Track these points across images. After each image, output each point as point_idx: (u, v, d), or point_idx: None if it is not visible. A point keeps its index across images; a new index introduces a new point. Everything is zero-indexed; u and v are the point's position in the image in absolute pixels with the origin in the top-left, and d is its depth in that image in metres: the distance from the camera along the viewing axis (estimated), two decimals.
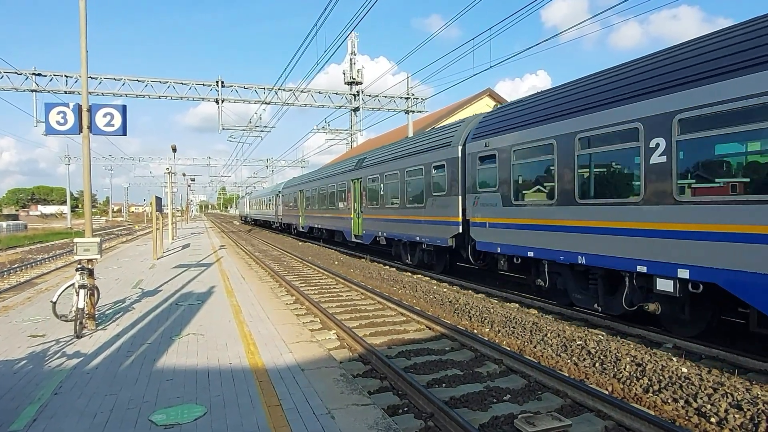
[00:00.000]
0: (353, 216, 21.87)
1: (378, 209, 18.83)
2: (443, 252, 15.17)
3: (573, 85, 10.06)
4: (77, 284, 7.62)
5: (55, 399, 5.07)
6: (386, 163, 18.20)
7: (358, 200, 21.19)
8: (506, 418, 5.34)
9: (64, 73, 29.98)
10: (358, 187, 21.29)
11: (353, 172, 22.03)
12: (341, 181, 24.03)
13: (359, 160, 21.77)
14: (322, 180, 28.20)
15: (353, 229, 21.96)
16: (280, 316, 8.92)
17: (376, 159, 19.65)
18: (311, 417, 4.61)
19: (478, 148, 12.32)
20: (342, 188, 23.80)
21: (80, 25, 7.91)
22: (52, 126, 8.01)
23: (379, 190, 18.70)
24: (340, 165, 26.47)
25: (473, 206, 12.55)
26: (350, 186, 22.29)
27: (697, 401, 5.61)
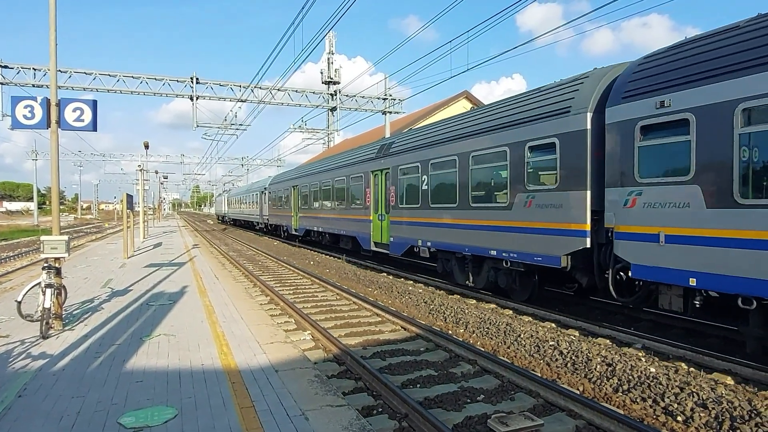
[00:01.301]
0: (373, 218, 17.02)
1: (418, 210, 14.03)
2: (532, 274, 10.77)
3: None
4: (43, 283, 7.41)
5: (19, 401, 4.91)
6: (434, 147, 13.39)
7: (382, 198, 16.40)
8: (480, 418, 5.39)
9: (32, 66, 29.10)
10: (382, 180, 16.46)
11: (374, 162, 17.02)
12: (355, 173, 18.81)
13: (383, 146, 16.86)
14: (324, 173, 22.83)
15: (373, 235, 17.05)
16: (254, 317, 8.82)
17: (414, 142, 14.71)
18: (285, 418, 4.57)
19: (641, 111, 7.77)
20: (356, 183, 18.76)
21: (50, 16, 7.69)
22: (19, 120, 7.77)
23: (420, 184, 13.91)
24: (350, 154, 20.82)
25: (625, 208, 8.02)
26: (369, 179, 17.34)
27: (665, 400, 5.76)
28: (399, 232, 15.20)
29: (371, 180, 17.23)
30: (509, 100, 11.57)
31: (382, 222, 16.38)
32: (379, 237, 16.71)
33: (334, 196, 21.28)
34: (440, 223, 13.01)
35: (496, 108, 11.69)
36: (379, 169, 16.61)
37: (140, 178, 29.55)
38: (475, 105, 31.42)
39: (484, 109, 12.82)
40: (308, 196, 25.24)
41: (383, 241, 16.35)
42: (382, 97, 33.73)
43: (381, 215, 16.51)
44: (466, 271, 12.51)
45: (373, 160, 17.19)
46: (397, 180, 15.29)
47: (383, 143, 17.37)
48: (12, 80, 28.83)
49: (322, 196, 23.04)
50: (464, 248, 12.04)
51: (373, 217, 17.11)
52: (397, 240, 15.36)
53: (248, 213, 45.31)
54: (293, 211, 28.30)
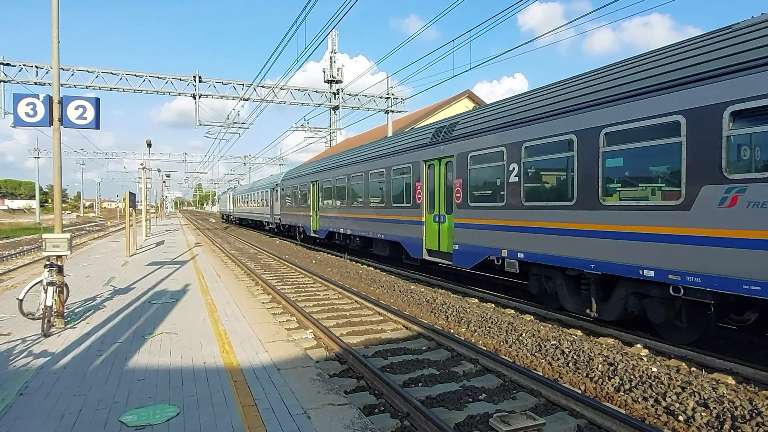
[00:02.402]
0: (427, 219, 13.80)
1: (501, 211, 10.59)
2: (706, 306, 7.42)
3: None
4: (45, 281, 7.41)
5: (21, 400, 4.92)
6: (530, 125, 9.80)
7: (441, 194, 13.12)
8: (481, 417, 5.39)
9: (34, 64, 29.13)
10: (440, 172, 13.08)
11: (428, 149, 13.63)
12: (400, 164, 15.27)
13: (441, 129, 13.35)
14: (354, 165, 19.19)
15: (426, 241, 13.78)
16: (256, 315, 8.82)
17: (495, 120, 11.03)
18: (287, 417, 4.57)
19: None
20: (400, 176, 15.32)
21: (52, 14, 7.70)
22: (21, 118, 7.78)
23: (505, 176, 10.41)
24: (391, 141, 17.26)
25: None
26: (420, 171, 13.97)
27: (666, 400, 5.75)
28: (469, 238, 11.67)
29: (423, 171, 13.79)
30: (675, 46, 7.79)
31: (441, 225, 13.04)
32: (435, 243, 13.33)
33: (369, 193, 17.74)
34: (541, 228, 9.48)
35: (651, 58, 7.95)
36: (437, 157, 13.16)
37: (143, 177, 29.58)
38: (477, 104, 31.34)
39: (630, 62, 8.40)
40: (332, 193, 21.61)
41: (442, 248, 12.91)
42: (384, 96, 33.72)
43: (439, 216, 13.13)
44: (583, 296, 9.14)
45: (427, 146, 13.65)
46: (465, 171, 11.82)
47: (440, 125, 13.67)
48: (14, 78, 28.86)
49: (352, 192, 19.34)
50: (588, 264, 8.48)
51: (427, 219, 13.73)
52: (465, 248, 11.84)
53: (257, 212, 41.98)
54: (312, 210, 24.62)
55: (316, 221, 24.17)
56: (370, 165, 17.58)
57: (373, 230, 17.31)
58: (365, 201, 18.08)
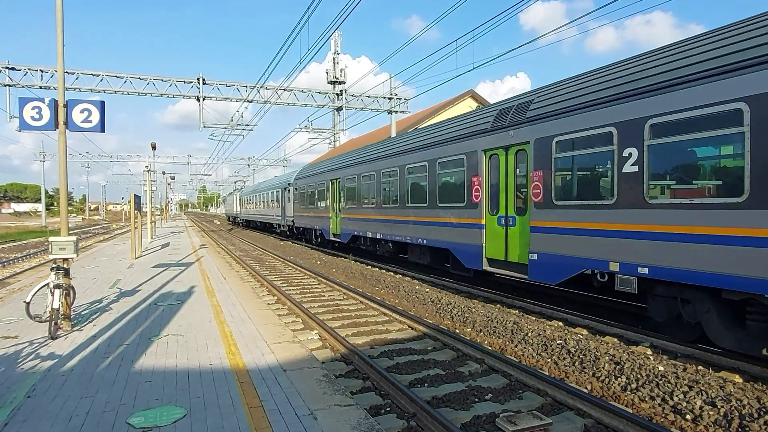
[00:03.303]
0: (488, 222, 11.35)
1: (608, 212, 8.23)
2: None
3: None
4: (52, 284, 7.45)
5: (28, 402, 4.95)
6: (659, 94, 7.42)
7: (510, 191, 10.69)
8: (488, 417, 5.38)
9: (39, 68, 29.27)
10: (509, 163, 10.73)
11: (489, 136, 11.24)
12: (448, 155, 12.88)
13: (507, 110, 10.93)
14: (386, 159, 16.70)
15: (487, 248, 11.34)
16: (262, 317, 8.84)
17: (596, 92, 8.56)
18: (293, 418, 4.58)
19: None
20: (449, 170, 12.93)
21: (56, 17, 7.73)
22: (27, 121, 7.81)
23: (611, 166, 8.16)
24: (435, 129, 14.45)
25: None
26: (478, 164, 11.57)
27: (673, 399, 5.73)
28: (554, 246, 9.29)
29: (483, 164, 11.42)
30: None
31: (509, 228, 10.70)
32: (499, 251, 10.96)
33: (405, 191, 15.26)
34: (682, 235, 7.09)
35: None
36: (502, 145, 10.78)
37: (147, 179, 29.68)
38: (480, 104, 31.32)
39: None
40: (358, 192, 19.24)
41: (511, 258, 10.61)
42: (387, 96, 33.73)
43: (506, 218, 10.79)
44: (751, 330, 6.72)
45: (488, 133, 11.23)
46: (548, 161, 9.46)
47: (505, 106, 11.23)
48: (19, 82, 29.03)
49: (384, 190, 16.91)
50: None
51: (488, 221, 11.33)
52: (547, 259, 9.43)
53: (266, 213, 39.47)
54: (332, 210, 22.21)
55: (336, 223, 21.80)
56: (408, 158, 15.13)
57: (411, 234, 14.86)
58: (401, 200, 15.55)
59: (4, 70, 28.76)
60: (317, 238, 25.83)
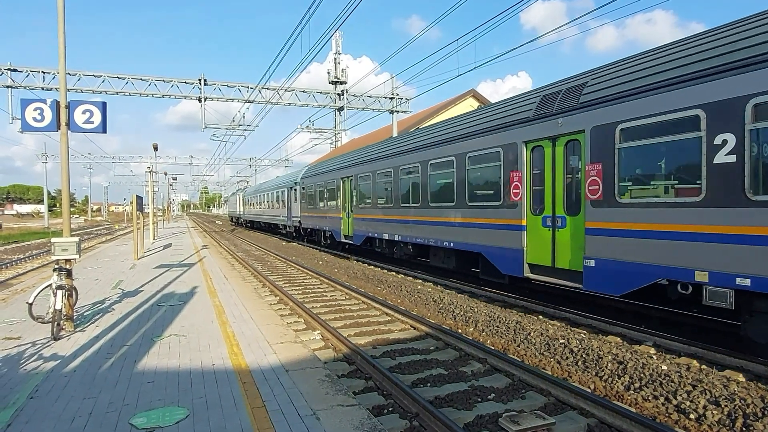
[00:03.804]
0: (530, 223, 10.13)
1: (696, 212, 7.05)
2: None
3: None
4: (54, 285, 7.46)
5: (31, 403, 4.95)
6: None
7: (559, 188, 9.47)
8: (491, 416, 5.37)
9: (41, 69, 29.36)
10: (555, 156, 9.50)
11: (532, 126, 9.93)
12: (481, 149, 11.54)
13: (555, 95, 9.63)
14: (405, 155, 15.35)
15: (529, 252, 10.11)
16: (264, 317, 8.84)
17: (680, 68, 7.33)
18: (296, 418, 4.57)
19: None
20: (480, 165, 11.67)
21: (58, 19, 7.74)
22: (29, 123, 7.82)
23: (716, 153, 6.80)
24: (466, 119, 12.92)
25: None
26: (517, 158, 10.29)
27: (677, 398, 5.71)
28: (618, 252, 8.05)
29: (524, 157, 10.14)
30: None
31: (557, 231, 9.42)
32: (545, 256, 9.70)
33: (428, 189, 14.02)
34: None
35: None
36: (549, 136, 9.50)
37: (149, 180, 29.71)
38: (482, 104, 31.29)
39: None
40: (372, 190, 18.01)
41: (561, 264, 9.34)
42: (389, 96, 33.74)
43: (554, 219, 9.51)
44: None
45: (531, 122, 9.93)
46: (610, 151, 8.17)
47: (551, 90, 9.85)
48: (21, 83, 29.12)
49: (402, 189, 15.65)
50: None
51: (530, 222, 10.11)
52: (609, 266, 8.19)
53: (271, 214, 37.98)
54: (343, 210, 21.00)
55: (348, 224, 20.55)
56: (431, 153, 13.80)
57: (434, 236, 13.68)
58: (423, 199, 14.28)
59: (6, 72, 28.85)
60: (326, 240, 24.61)
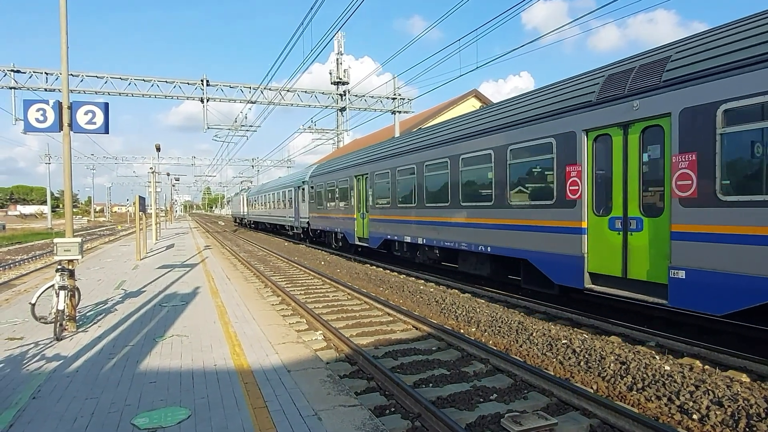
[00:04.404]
0: (591, 225, 8.69)
1: None
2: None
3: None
4: (57, 285, 7.48)
5: (34, 403, 4.96)
6: None
7: (625, 183, 8.06)
8: (493, 417, 5.35)
9: (44, 70, 29.46)
10: (626, 146, 8.03)
11: (595, 112, 8.50)
12: (527, 140, 10.12)
13: (626, 73, 8.22)
14: (431, 149, 13.92)
15: (590, 260, 8.65)
16: (266, 317, 8.84)
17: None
18: (298, 418, 4.57)
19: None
20: (529, 158, 10.19)
21: (60, 21, 7.76)
22: (32, 124, 7.85)
23: None
24: (507, 107, 11.23)
25: None
26: (578, 148, 8.84)
27: (680, 398, 5.68)
28: (721, 262, 6.64)
29: (584, 148, 8.68)
30: None
31: (630, 235, 7.91)
32: (614, 265, 8.14)
33: (459, 187, 12.61)
34: None
35: None
36: (618, 122, 8.02)
37: (152, 181, 29.77)
38: (484, 104, 31.26)
39: None
40: (391, 189, 16.41)
41: (635, 274, 7.83)
42: (391, 96, 33.74)
43: (625, 220, 7.99)
44: None
45: (592, 107, 8.49)
46: (707, 138, 6.80)
47: (620, 69, 8.36)
48: (24, 84, 29.22)
49: (427, 187, 14.20)
50: None
51: (592, 224, 8.59)
52: (704, 278, 6.80)
53: (277, 215, 36.43)
54: (357, 211, 19.58)
55: (363, 226, 19.01)
56: (463, 147, 12.36)
57: (466, 240, 12.29)
58: (452, 198, 12.88)
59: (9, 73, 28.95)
60: (338, 243, 22.99)
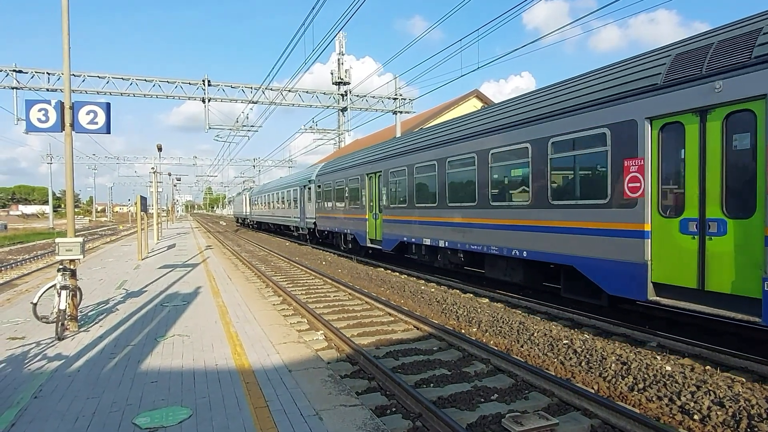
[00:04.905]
0: (656, 228, 7.51)
1: None
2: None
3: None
4: (59, 285, 7.49)
5: (35, 402, 4.97)
6: None
7: (703, 181, 6.87)
8: (494, 417, 5.35)
9: (46, 70, 29.51)
10: (706, 137, 6.80)
11: (662, 96, 7.30)
12: (572, 132, 9.03)
13: (698, 52, 7.04)
14: (455, 144, 12.82)
15: (654, 269, 7.49)
16: (267, 317, 8.85)
17: None
18: (299, 418, 4.57)
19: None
20: (574, 151, 9.13)
21: (62, 21, 7.78)
22: (34, 124, 7.86)
23: None
24: (548, 94, 9.96)
25: None
26: (640, 141, 7.65)
27: (681, 399, 5.68)
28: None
29: (647, 139, 7.55)
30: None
31: (711, 240, 6.79)
32: (687, 275, 7.01)
33: (487, 185, 11.51)
34: None
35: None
36: (693, 108, 6.93)
37: (153, 181, 29.79)
38: (485, 104, 31.26)
39: None
40: (408, 187, 15.28)
41: (718, 286, 6.73)
42: (392, 97, 33.74)
43: (702, 223, 6.91)
44: None
45: (659, 91, 7.35)
46: None
47: (693, 46, 7.27)
48: (26, 84, 29.26)
49: (449, 185, 13.14)
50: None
51: (658, 227, 7.46)
52: None
53: (281, 215, 35.38)
54: (369, 211, 18.62)
55: (376, 227, 18.03)
56: (493, 140, 11.30)
57: (497, 243, 11.21)
58: (480, 198, 11.77)
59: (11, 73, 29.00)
60: (347, 244, 21.70)
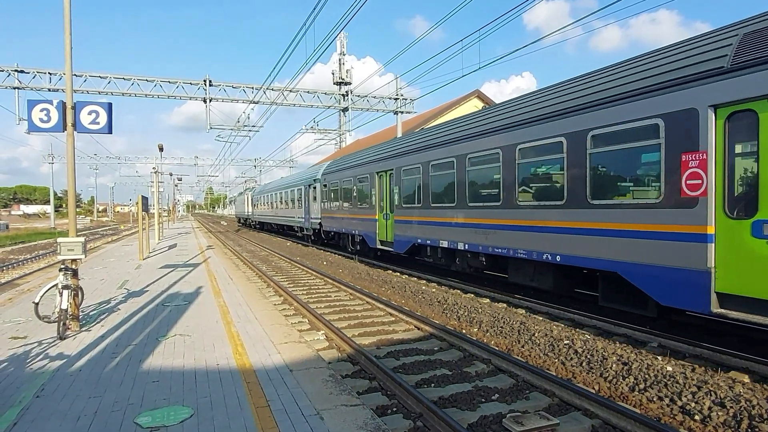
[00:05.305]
0: (720, 231, 6.56)
1: None
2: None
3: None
4: (60, 285, 7.50)
5: (37, 402, 4.98)
6: None
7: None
8: (495, 417, 5.36)
9: (47, 70, 29.52)
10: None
11: (725, 81, 6.43)
12: (616, 124, 8.04)
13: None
14: (472, 140, 12.07)
15: (719, 278, 6.54)
16: (269, 317, 8.86)
17: None
18: (300, 418, 4.58)
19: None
20: (618, 146, 8.11)
21: (64, 21, 7.79)
22: (35, 124, 7.88)
23: None
24: (586, 83, 8.94)
25: None
26: (701, 132, 6.69)
27: (682, 399, 5.68)
28: None
29: (711, 131, 6.68)
30: None
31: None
32: (761, 285, 6.11)
33: (514, 183, 10.56)
34: None
35: None
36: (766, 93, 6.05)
37: (155, 181, 29.83)
38: (486, 104, 31.28)
39: None
40: (423, 186, 14.42)
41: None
42: (393, 97, 33.73)
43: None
44: None
45: (724, 75, 6.53)
46: None
47: None
48: (28, 84, 29.28)
49: (470, 183, 12.23)
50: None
51: (723, 229, 6.61)
52: None
53: (285, 215, 34.37)
54: (379, 211, 17.72)
55: (386, 228, 17.11)
56: (521, 135, 10.31)
57: (525, 246, 10.28)
58: (506, 197, 10.84)
59: (13, 73, 29.03)
60: (355, 246, 20.70)
